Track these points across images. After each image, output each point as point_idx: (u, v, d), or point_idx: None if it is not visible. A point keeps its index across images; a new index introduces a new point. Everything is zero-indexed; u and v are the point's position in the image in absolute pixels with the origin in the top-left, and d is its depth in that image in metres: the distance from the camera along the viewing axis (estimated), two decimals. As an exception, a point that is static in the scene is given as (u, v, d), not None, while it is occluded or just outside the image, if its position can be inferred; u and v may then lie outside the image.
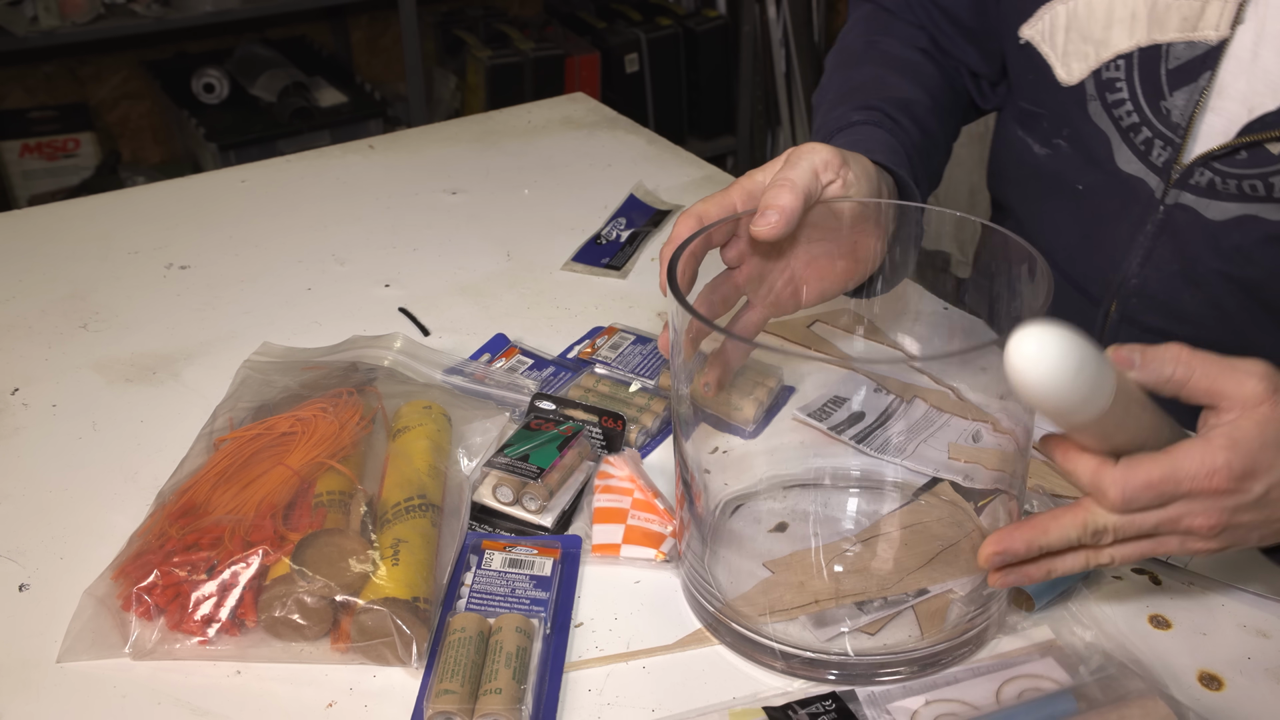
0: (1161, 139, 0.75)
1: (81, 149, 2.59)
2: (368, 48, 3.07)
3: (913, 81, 0.84)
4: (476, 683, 0.59)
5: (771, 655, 0.62)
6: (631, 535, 0.70)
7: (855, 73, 0.86)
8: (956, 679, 0.60)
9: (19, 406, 0.84)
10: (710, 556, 0.67)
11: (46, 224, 1.10)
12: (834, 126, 0.77)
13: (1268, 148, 0.70)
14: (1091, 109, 0.78)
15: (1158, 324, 0.81)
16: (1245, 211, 0.73)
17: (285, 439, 0.72)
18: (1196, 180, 0.74)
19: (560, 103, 1.38)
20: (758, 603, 0.64)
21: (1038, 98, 0.83)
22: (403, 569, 0.63)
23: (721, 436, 0.75)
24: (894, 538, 0.68)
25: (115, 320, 0.95)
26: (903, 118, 0.79)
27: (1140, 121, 0.75)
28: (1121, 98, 0.76)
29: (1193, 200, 0.75)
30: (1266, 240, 0.73)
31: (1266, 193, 0.71)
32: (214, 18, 2.54)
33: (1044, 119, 0.83)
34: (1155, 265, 0.78)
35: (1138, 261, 0.79)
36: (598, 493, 0.72)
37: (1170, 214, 0.76)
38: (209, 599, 0.62)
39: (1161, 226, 0.77)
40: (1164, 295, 0.79)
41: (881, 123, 0.76)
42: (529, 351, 0.88)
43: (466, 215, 1.12)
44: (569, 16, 3.05)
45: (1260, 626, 0.65)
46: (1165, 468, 0.53)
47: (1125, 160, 0.77)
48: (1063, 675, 0.60)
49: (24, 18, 2.39)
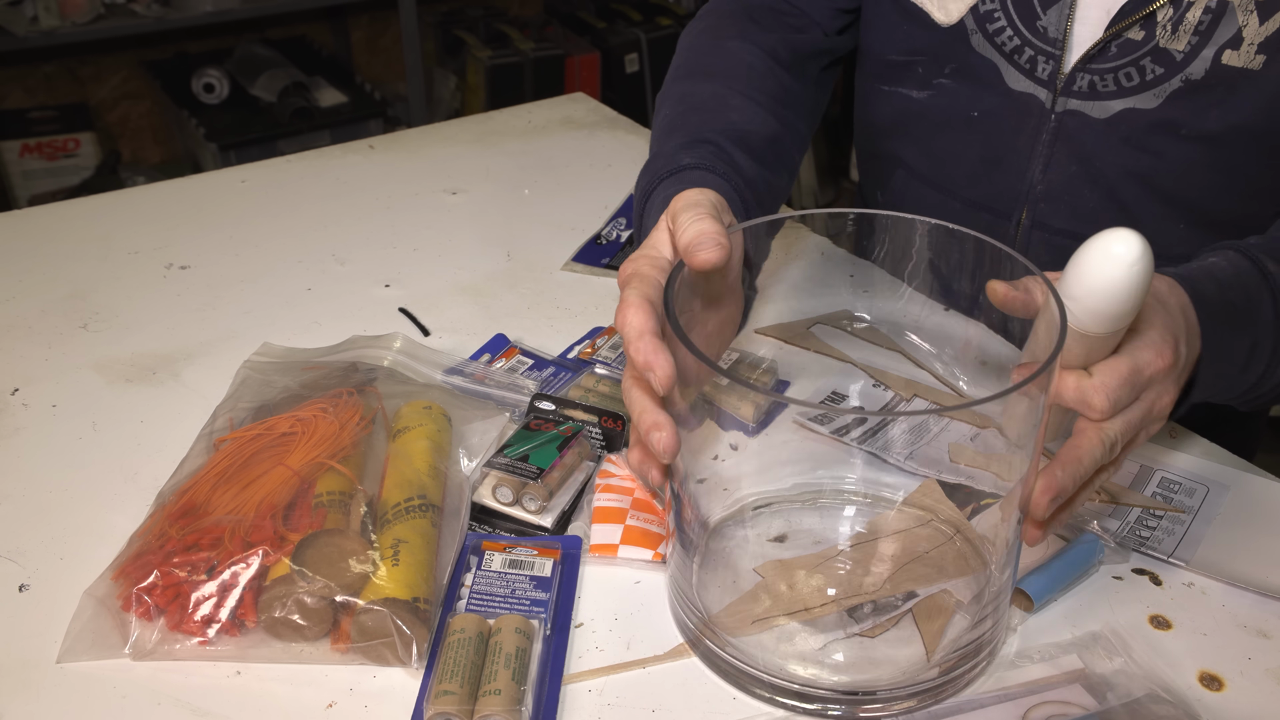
0: (1043, 55, 0.83)
1: (81, 149, 2.59)
2: (368, 48, 3.07)
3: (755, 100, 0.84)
4: (476, 684, 0.59)
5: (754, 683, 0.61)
6: (630, 536, 0.69)
7: (696, 88, 0.85)
8: (982, 704, 0.60)
9: (19, 406, 0.84)
10: (698, 569, 0.66)
11: (46, 224, 1.10)
12: (664, 168, 0.76)
13: (1129, 36, 0.79)
14: (974, 41, 0.85)
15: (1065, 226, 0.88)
16: (1126, 105, 0.81)
17: (285, 439, 0.72)
18: (1079, 86, 0.82)
19: (560, 103, 1.38)
20: (744, 612, 0.63)
21: (912, 47, 0.90)
22: (403, 569, 0.63)
23: (722, 443, 0.75)
24: (883, 542, 0.68)
25: (115, 320, 0.95)
26: (738, 152, 0.78)
27: (1021, 44, 0.83)
28: (1000, 26, 0.84)
29: (1079, 104, 0.82)
30: (1149, 128, 0.81)
31: (1140, 79, 0.79)
32: (214, 18, 2.55)
33: (919, 65, 0.90)
34: (1055, 170, 0.85)
35: (1039, 169, 0.86)
36: (598, 491, 0.72)
37: (1061, 120, 0.84)
38: (209, 599, 0.62)
39: (1055, 134, 0.84)
40: (1067, 197, 0.86)
41: (714, 165, 0.75)
42: (529, 352, 0.88)
43: (466, 215, 1.12)
44: (569, 16, 3.05)
45: (1261, 626, 0.65)
46: (1129, 362, 0.59)
47: (1014, 80, 0.85)
48: (1090, 701, 0.60)
49: (24, 18, 2.39)
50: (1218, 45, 0.76)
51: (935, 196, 0.94)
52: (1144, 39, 0.78)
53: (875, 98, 0.96)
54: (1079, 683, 0.61)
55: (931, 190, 0.94)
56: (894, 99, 0.94)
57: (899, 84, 0.93)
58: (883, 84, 0.94)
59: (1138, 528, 0.71)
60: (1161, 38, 0.78)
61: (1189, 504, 0.73)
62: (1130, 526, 0.71)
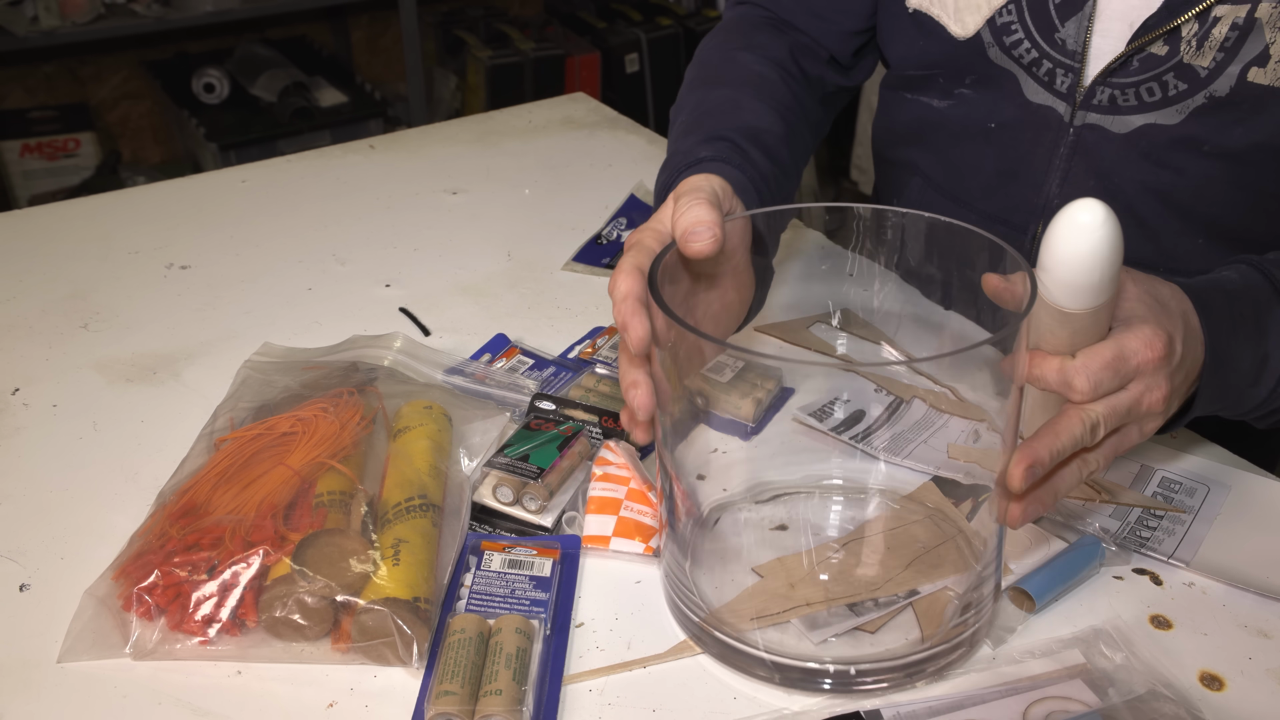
0: (1062, 67, 0.82)
1: (81, 149, 2.59)
2: (368, 48, 3.07)
3: (767, 104, 0.85)
4: (477, 684, 0.59)
5: (760, 665, 0.61)
6: (623, 528, 0.69)
7: (710, 94, 0.87)
8: (984, 699, 0.60)
9: (19, 406, 0.84)
10: (693, 564, 0.66)
11: (47, 224, 1.10)
12: (682, 163, 0.77)
13: (1152, 51, 0.78)
14: (992, 54, 0.85)
15: None
16: (1147, 120, 0.80)
17: (286, 439, 0.72)
18: (1099, 99, 0.81)
19: (560, 103, 1.38)
20: (744, 609, 0.63)
21: (930, 60, 0.90)
22: (403, 569, 0.63)
23: (721, 439, 0.75)
24: (883, 539, 0.68)
25: (116, 320, 0.95)
26: (752, 149, 0.79)
27: (1040, 56, 0.82)
28: (1018, 38, 0.83)
29: (1098, 119, 0.82)
30: (1170, 144, 0.80)
31: (1162, 94, 0.78)
32: (214, 18, 2.55)
33: (939, 76, 0.90)
34: (1073, 184, 0.85)
35: (1056, 183, 0.86)
36: (594, 481, 0.72)
37: (1080, 134, 0.83)
38: (209, 599, 0.62)
39: (1074, 148, 0.84)
40: None
41: (730, 158, 0.77)
42: (529, 351, 0.88)
43: (467, 215, 1.12)
44: (569, 16, 3.05)
45: (1261, 626, 0.65)
46: (1114, 348, 0.60)
47: (1033, 92, 0.84)
48: (1091, 697, 0.60)
49: (24, 18, 2.39)
50: (1244, 62, 0.75)
51: (951, 208, 0.94)
52: (1168, 54, 0.77)
53: (896, 104, 0.96)
54: (1080, 678, 0.61)
55: (947, 201, 0.94)
56: (915, 106, 0.93)
57: (921, 93, 0.93)
58: (905, 91, 0.94)
59: (1138, 528, 0.71)
60: (1186, 53, 0.76)
61: (1189, 504, 0.73)
62: (1130, 527, 0.71)
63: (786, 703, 0.60)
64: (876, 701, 0.60)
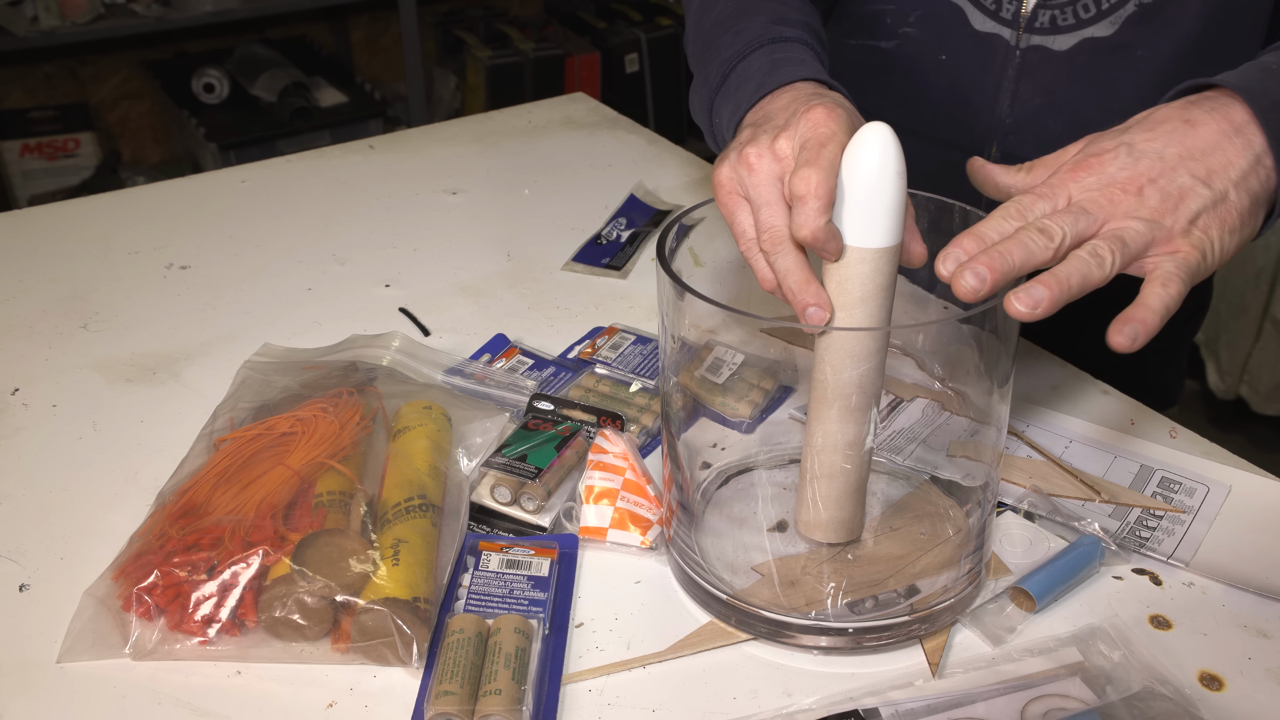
0: None
1: (81, 149, 2.59)
2: (368, 48, 3.07)
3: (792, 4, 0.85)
4: (476, 684, 0.59)
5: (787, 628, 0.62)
6: (620, 520, 0.69)
7: None
8: (981, 697, 0.60)
9: (19, 406, 0.84)
10: (701, 552, 0.67)
11: (46, 224, 1.10)
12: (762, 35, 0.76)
13: None
14: None
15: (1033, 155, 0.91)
16: (1084, 35, 0.86)
17: (285, 439, 0.72)
18: (1041, 22, 0.87)
19: (560, 103, 1.38)
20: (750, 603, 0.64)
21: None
22: (403, 569, 0.63)
23: (718, 432, 0.75)
24: (883, 537, 0.68)
25: (115, 320, 0.95)
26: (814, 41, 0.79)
27: None
28: None
29: (1041, 39, 0.88)
30: (1108, 53, 0.86)
31: (1096, 9, 0.85)
32: (214, 18, 2.55)
33: (888, 15, 0.94)
34: (1022, 103, 0.90)
35: (1006, 104, 0.91)
36: (590, 469, 0.72)
37: (1025, 56, 0.89)
38: (209, 599, 0.62)
39: (1020, 69, 0.89)
40: (1034, 128, 0.91)
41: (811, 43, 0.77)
42: (529, 352, 0.88)
43: (466, 215, 1.12)
44: (569, 16, 3.05)
45: (1261, 626, 0.65)
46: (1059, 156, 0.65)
47: (980, 22, 0.90)
48: (1089, 695, 0.60)
49: (24, 18, 2.39)
50: None
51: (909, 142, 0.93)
52: None
53: (844, 53, 0.99)
54: (1078, 676, 0.61)
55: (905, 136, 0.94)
56: (861, 52, 0.97)
57: (867, 36, 0.96)
58: (850, 38, 0.98)
59: (1138, 528, 0.71)
60: None
61: (1189, 504, 0.73)
62: (1130, 527, 0.71)
63: (788, 697, 0.60)
64: (875, 700, 0.60)
